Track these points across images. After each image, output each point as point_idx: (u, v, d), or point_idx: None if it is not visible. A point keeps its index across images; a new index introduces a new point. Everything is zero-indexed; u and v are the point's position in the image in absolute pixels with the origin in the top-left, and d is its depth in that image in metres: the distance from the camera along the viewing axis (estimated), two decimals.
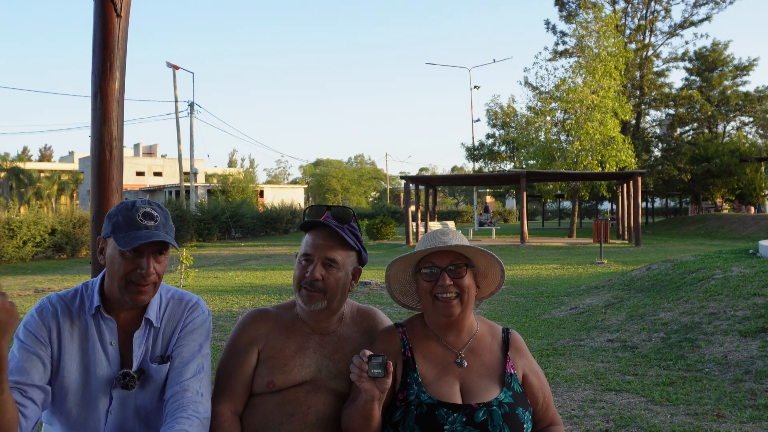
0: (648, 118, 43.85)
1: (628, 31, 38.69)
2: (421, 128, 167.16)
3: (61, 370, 1.79)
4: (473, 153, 42.09)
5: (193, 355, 1.85)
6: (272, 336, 1.93)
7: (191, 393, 1.78)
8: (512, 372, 1.86)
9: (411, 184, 26.32)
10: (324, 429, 1.83)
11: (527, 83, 37.48)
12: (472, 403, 1.75)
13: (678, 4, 64.75)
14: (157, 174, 58.53)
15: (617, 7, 38.19)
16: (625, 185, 26.59)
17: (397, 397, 1.80)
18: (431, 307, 1.84)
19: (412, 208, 28.16)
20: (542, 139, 30.69)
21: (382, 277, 11.91)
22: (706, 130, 44.54)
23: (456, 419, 1.72)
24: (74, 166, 66.11)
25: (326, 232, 1.91)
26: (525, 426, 1.77)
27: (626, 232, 25.77)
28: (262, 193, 46.71)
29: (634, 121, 39.27)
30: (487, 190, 53.12)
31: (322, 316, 1.94)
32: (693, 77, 42.51)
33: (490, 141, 42.09)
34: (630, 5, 39.38)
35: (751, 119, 45.60)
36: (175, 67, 31.17)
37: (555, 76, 35.00)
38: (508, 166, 41.55)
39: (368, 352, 1.65)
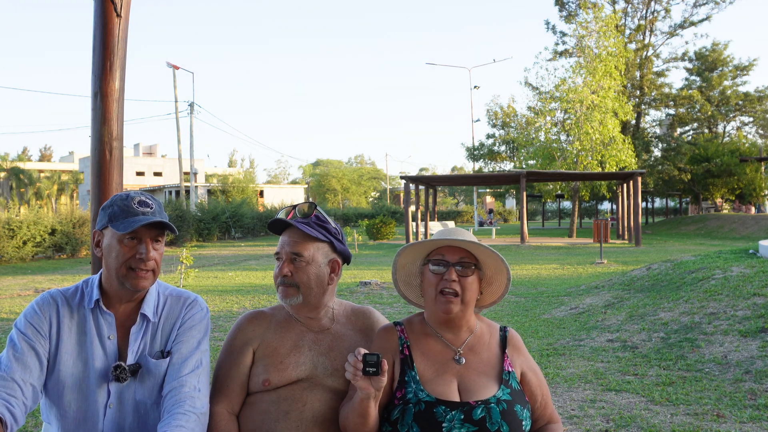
0: (648, 118, 43.91)
1: (628, 31, 38.71)
2: (421, 128, 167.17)
3: (58, 364, 1.80)
4: (473, 153, 42.11)
5: (191, 351, 1.87)
6: (267, 335, 1.95)
7: (188, 388, 1.79)
8: (510, 370, 1.87)
9: (411, 184, 26.32)
10: (320, 426, 1.84)
11: (527, 83, 37.52)
12: (470, 400, 1.76)
13: (678, 4, 64.84)
14: (157, 174, 58.54)
15: (617, 7, 38.23)
16: (625, 185, 26.59)
17: (396, 395, 1.81)
18: (433, 300, 1.84)
19: (412, 208, 28.18)
20: (542, 139, 30.70)
21: (382, 277, 11.92)
22: (706, 130, 44.56)
23: (454, 417, 1.72)
24: (74, 166, 66.12)
25: (292, 230, 1.95)
26: (523, 423, 1.78)
27: (626, 232, 25.78)
28: (262, 193, 46.72)
29: (634, 121, 39.29)
30: (487, 190, 53.11)
31: (305, 311, 1.96)
32: (693, 77, 42.54)
33: (490, 141, 42.11)
34: (630, 5, 39.42)
35: (751, 119, 45.62)
36: (175, 67, 31.19)
37: (555, 76, 35.14)
38: (508, 166, 41.58)
39: (363, 351, 1.67)
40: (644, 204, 45.23)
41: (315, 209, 1.99)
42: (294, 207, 2.00)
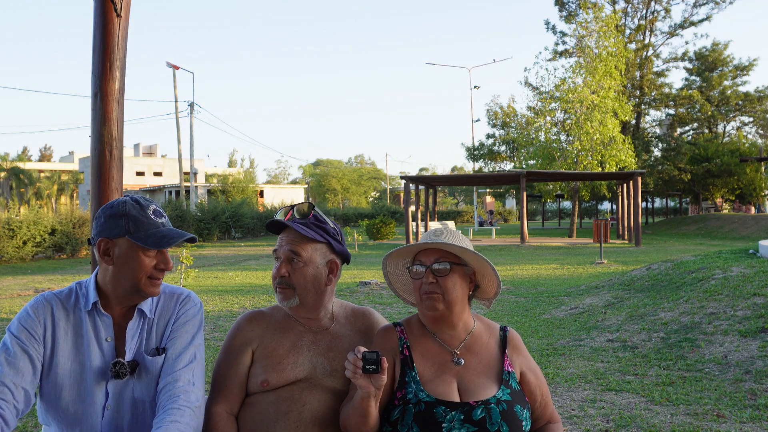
0: (648, 118, 43.92)
1: (628, 31, 38.71)
2: (421, 128, 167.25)
3: (54, 367, 1.79)
4: (473, 153, 42.12)
5: (185, 346, 1.88)
6: (266, 336, 1.95)
7: (183, 383, 1.79)
8: (510, 370, 1.87)
9: (411, 184, 26.32)
10: (319, 426, 1.84)
11: (527, 83, 37.55)
12: (470, 401, 1.76)
13: (678, 4, 65.01)
14: (157, 174, 58.51)
15: (617, 7, 38.22)
16: (625, 185, 26.60)
17: (396, 396, 1.81)
18: (419, 303, 1.87)
19: (412, 208, 28.19)
20: (542, 139, 30.71)
21: (381, 277, 11.91)
22: (706, 130, 44.56)
23: (454, 417, 1.72)
24: (74, 166, 66.09)
25: (290, 230, 1.95)
26: (523, 423, 1.78)
27: (626, 232, 25.78)
28: (262, 193, 46.72)
29: (634, 121, 39.29)
30: (487, 190, 53.11)
31: (303, 312, 1.96)
32: (693, 77, 42.55)
33: (490, 141, 42.13)
34: (630, 5, 39.42)
35: (751, 119, 45.63)
36: (175, 67, 31.18)
37: (555, 76, 35.09)
38: (508, 166, 41.59)
39: (363, 349, 1.66)
40: (644, 204, 45.24)
41: (313, 210, 1.98)
42: (292, 207, 1.99)
